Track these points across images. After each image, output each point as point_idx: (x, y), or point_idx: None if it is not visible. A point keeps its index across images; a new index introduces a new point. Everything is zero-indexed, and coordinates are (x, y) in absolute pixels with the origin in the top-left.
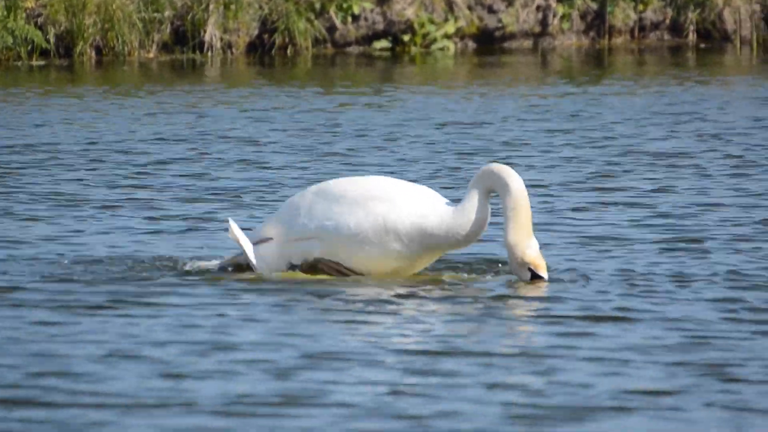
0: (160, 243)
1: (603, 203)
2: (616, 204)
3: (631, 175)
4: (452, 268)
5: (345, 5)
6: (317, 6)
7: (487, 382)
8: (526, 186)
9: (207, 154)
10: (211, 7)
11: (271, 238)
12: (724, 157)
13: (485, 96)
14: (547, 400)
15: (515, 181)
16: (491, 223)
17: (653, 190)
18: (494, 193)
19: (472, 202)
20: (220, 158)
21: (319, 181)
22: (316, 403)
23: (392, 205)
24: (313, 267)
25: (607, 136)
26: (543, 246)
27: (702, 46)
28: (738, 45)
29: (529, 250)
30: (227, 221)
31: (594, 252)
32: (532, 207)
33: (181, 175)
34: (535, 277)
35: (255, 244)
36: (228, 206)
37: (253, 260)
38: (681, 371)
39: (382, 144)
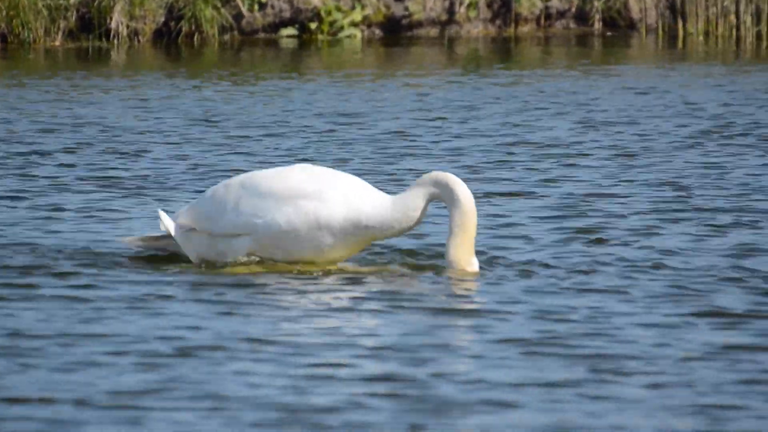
0: (60, 229)
1: (493, 194)
2: (503, 194)
3: (521, 166)
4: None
5: None
6: None
7: (365, 375)
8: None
9: (103, 143)
10: None
11: (194, 228)
12: (611, 147)
13: (384, 84)
14: (427, 392)
15: (466, 197)
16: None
17: (543, 180)
18: (438, 200)
19: (414, 199)
20: (118, 147)
21: (214, 170)
22: (186, 395)
23: (323, 201)
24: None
25: (501, 124)
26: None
27: (608, 34)
28: (644, 33)
29: (470, 267)
30: (158, 212)
31: (490, 241)
32: None
33: (67, 165)
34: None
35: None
36: (126, 194)
37: (190, 253)
38: (569, 363)
39: (273, 131)
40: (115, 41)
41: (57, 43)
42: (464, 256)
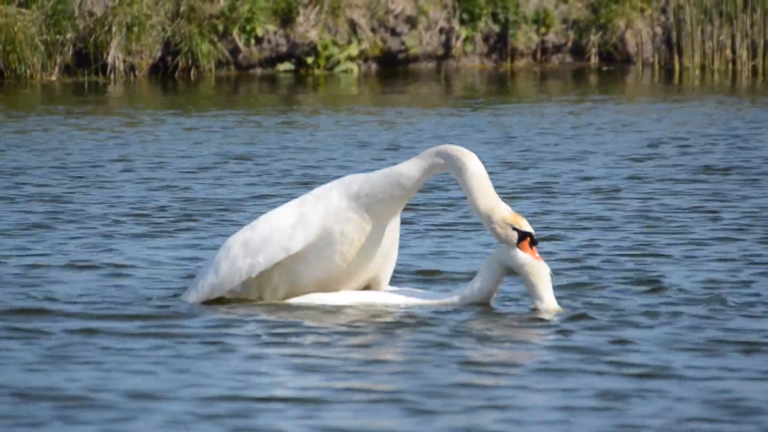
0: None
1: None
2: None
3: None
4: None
5: (248, 27)
6: (220, 28)
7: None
8: None
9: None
10: (114, 29)
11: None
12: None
13: (378, 119)
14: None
15: (473, 160)
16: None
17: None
18: (442, 172)
19: (409, 168)
20: (115, 181)
21: (211, 203)
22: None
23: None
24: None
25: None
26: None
27: (604, 68)
28: (640, 67)
29: (503, 209)
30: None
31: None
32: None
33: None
34: (523, 236)
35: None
36: (134, 232)
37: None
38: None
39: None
40: (112, 76)
41: (53, 77)
42: (494, 204)
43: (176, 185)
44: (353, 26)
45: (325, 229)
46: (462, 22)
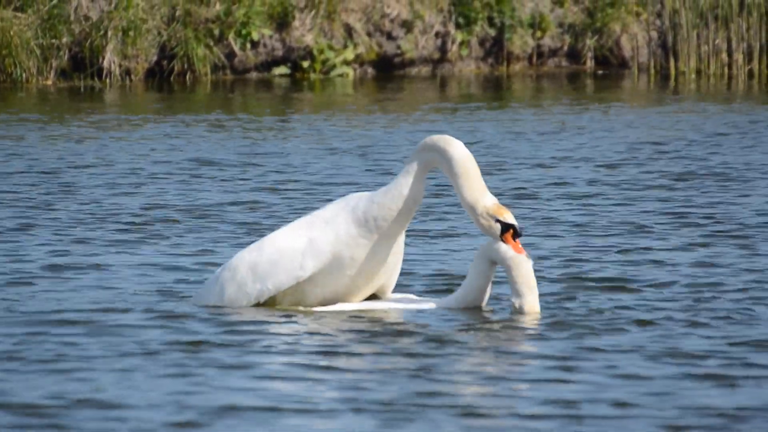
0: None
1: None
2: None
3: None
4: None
5: (244, 31)
6: (216, 32)
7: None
8: None
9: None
10: (110, 33)
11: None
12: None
13: (374, 123)
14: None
15: (457, 147)
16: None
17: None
18: (435, 168)
19: (406, 177)
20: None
21: (214, 209)
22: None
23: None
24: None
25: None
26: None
27: (600, 72)
28: (635, 72)
29: (487, 200)
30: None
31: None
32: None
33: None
34: (506, 228)
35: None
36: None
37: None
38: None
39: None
40: (108, 80)
41: (49, 82)
42: (479, 195)
43: (170, 189)
44: (349, 30)
45: (335, 256)
46: (458, 26)
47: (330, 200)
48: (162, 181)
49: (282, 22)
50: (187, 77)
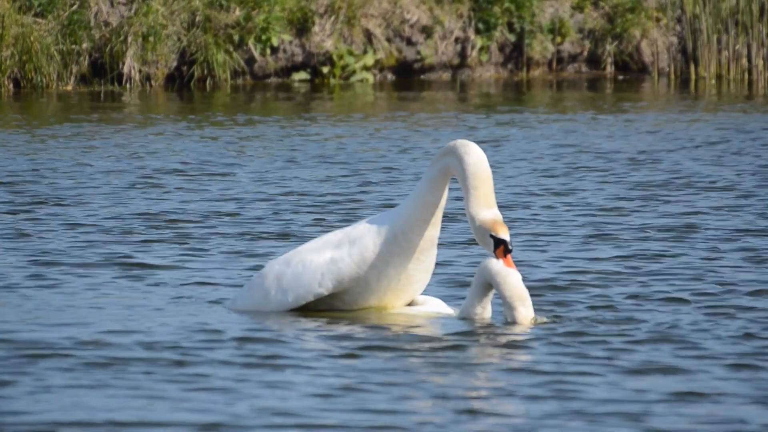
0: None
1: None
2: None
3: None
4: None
5: (263, 37)
6: (236, 38)
7: None
8: None
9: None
10: (130, 39)
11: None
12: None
13: (394, 128)
14: None
15: (474, 155)
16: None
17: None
18: (453, 176)
19: (428, 184)
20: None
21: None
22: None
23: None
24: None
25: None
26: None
27: (620, 78)
28: (656, 77)
29: (487, 215)
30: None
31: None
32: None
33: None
34: (498, 244)
35: None
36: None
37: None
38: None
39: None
40: (128, 86)
41: (69, 87)
42: (482, 209)
43: (194, 191)
44: (369, 36)
45: (359, 276)
46: (478, 31)
47: (354, 208)
48: (186, 184)
49: (302, 28)
50: (207, 83)
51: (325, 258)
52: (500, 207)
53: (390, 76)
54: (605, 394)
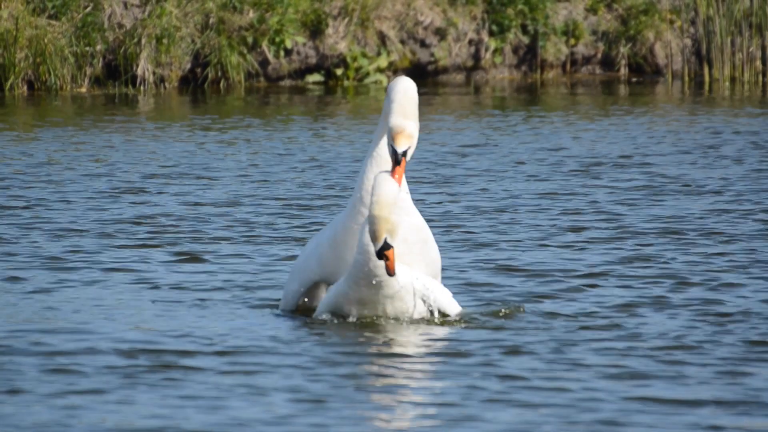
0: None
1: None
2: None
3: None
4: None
5: (277, 39)
6: (249, 40)
7: None
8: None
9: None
10: (144, 41)
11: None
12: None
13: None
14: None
15: (400, 81)
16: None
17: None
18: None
19: (373, 143)
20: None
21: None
22: None
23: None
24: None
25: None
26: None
27: (634, 80)
28: (670, 79)
29: (397, 120)
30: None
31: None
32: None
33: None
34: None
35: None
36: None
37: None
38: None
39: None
40: (142, 88)
41: (83, 89)
42: (399, 116)
43: (208, 195)
44: (382, 38)
45: (338, 255)
46: (491, 33)
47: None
48: (205, 185)
49: (315, 30)
50: (221, 85)
51: (312, 244)
52: (509, 207)
53: None
54: (589, 400)
